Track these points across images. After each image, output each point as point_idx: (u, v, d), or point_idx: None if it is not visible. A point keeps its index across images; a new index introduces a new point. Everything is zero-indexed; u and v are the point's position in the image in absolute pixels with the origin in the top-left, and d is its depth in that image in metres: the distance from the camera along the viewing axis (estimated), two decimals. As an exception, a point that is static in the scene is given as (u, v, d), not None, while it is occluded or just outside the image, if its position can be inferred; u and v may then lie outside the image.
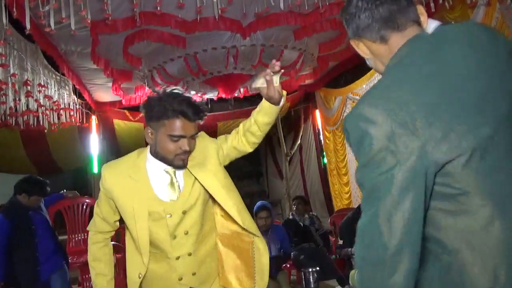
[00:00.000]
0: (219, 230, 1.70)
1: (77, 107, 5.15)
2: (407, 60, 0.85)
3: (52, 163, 6.23)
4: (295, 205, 5.08)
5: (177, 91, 1.52)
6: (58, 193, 4.13)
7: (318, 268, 2.81)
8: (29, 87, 3.92)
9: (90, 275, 1.73)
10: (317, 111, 6.76)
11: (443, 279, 0.81)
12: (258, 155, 9.17)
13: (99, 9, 3.04)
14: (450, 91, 0.79)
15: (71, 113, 4.88)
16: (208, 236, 1.67)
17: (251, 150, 1.65)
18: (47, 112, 4.46)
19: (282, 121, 7.06)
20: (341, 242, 4.10)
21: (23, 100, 4.11)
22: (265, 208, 3.92)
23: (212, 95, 5.60)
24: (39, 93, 4.14)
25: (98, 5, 3.00)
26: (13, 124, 4.33)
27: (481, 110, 0.78)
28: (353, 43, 1.00)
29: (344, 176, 6.18)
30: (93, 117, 5.95)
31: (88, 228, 1.72)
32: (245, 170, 8.86)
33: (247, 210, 1.64)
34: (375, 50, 0.95)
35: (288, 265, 4.07)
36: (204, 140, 1.65)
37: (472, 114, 0.78)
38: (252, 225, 1.62)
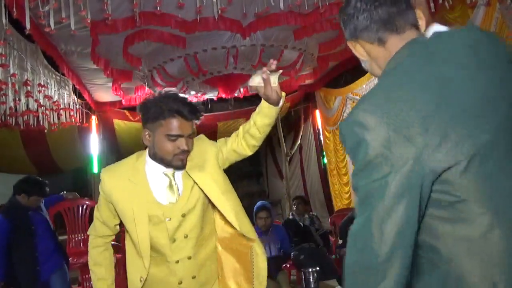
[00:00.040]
0: (218, 233, 1.69)
1: (77, 107, 5.14)
2: (404, 65, 0.84)
3: (52, 163, 6.23)
4: (295, 205, 5.08)
5: (172, 91, 1.52)
6: (58, 194, 4.13)
7: (318, 268, 2.81)
8: (29, 87, 3.91)
9: (90, 275, 1.73)
10: (317, 111, 6.76)
11: None
12: (258, 155, 9.16)
13: (99, 9, 3.04)
14: (447, 96, 0.77)
15: (71, 113, 4.87)
16: (208, 240, 1.66)
17: (250, 153, 1.64)
18: (47, 112, 4.45)
19: (282, 121, 7.06)
20: (341, 242, 4.10)
21: (23, 100, 4.10)
22: (265, 208, 3.92)
23: (212, 95, 5.59)
24: (39, 93, 4.13)
25: (98, 5, 3.00)
26: (13, 124, 4.32)
27: (480, 116, 0.77)
28: (350, 45, 0.99)
29: (344, 176, 6.18)
30: (93, 117, 5.94)
31: (89, 232, 1.71)
32: (245, 170, 8.86)
33: (245, 214, 1.63)
34: (372, 52, 0.94)
35: (288, 265, 4.07)
36: (203, 143, 1.64)
37: (470, 120, 0.76)
38: (250, 229, 1.61)
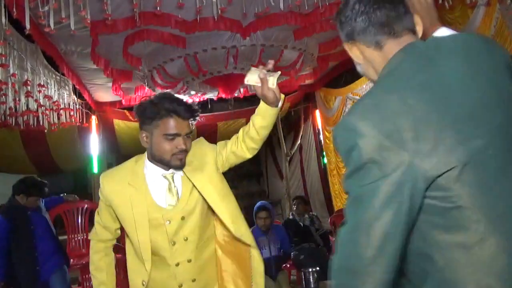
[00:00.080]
0: (217, 236, 1.69)
1: (77, 107, 5.13)
2: (398, 69, 0.84)
3: (52, 163, 6.23)
4: (295, 205, 5.08)
5: (167, 92, 1.55)
6: (58, 196, 4.13)
7: (318, 268, 2.81)
8: (29, 87, 3.91)
9: (90, 275, 1.73)
10: (317, 111, 6.75)
11: None
12: (258, 155, 9.14)
13: (99, 9, 3.04)
14: (441, 102, 0.77)
15: (71, 113, 4.86)
16: (208, 243, 1.66)
17: (250, 156, 1.64)
18: (47, 112, 4.45)
19: (282, 121, 7.06)
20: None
21: (23, 100, 4.10)
22: (265, 208, 3.92)
23: (212, 95, 5.59)
24: (39, 93, 4.13)
25: (98, 5, 3.00)
26: (13, 124, 4.31)
27: (474, 122, 0.76)
28: (346, 47, 0.98)
29: (344, 176, 6.17)
30: (93, 117, 5.93)
31: (90, 237, 1.72)
32: (245, 170, 8.85)
33: (243, 218, 1.62)
34: (369, 56, 0.94)
35: (288, 265, 4.07)
36: (203, 146, 1.65)
37: (463, 126, 0.76)
38: (246, 234, 1.60)
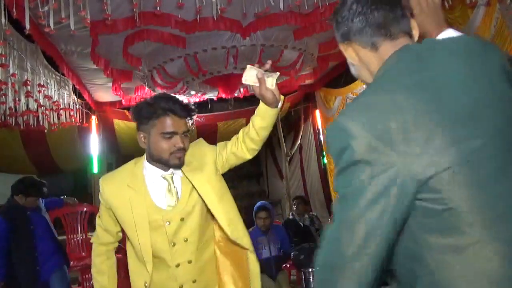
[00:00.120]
0: (216, 237, 1.69)
1: (77, 107, 5.13)
2: (392, 71, 0.84)
3: (52, 163, 6.22)
4: (295, 205, 5.08)
5: (163, 93, 1.59)
6: (58, 198, 4.12)
7: (318, 268, 2.80)
8: (29, 87, 3.91)
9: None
10: (317, 111, 6.75)
11: None
12: (258, 155, 8.96)
13: (99, 9, 3.04)
14: (433, 103, 0.76)
15: (71, 113, 4.86)
16: (209, 244, 1.66)
17: (250, 157, 1.65)
18: (47, 112, 4.45)
19: (282, 121, 7.06)
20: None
21: (23, 100, 4.10)
22: (265, 208, 3.92)
23: (212, 95, 5.59)
24: (39, 93, 4.13)
25: (97, 5, 3.00)
26: (13, 124, 4.31)
27: (468, 123, 0.75)
28: (341, 47, 0.98)
29: (344, 176, 6.16)
30: (93, 117, 5.92)
31: (92, 240, 1.72)
32: (245, 170, 8.84)
33: (240, 220, 1.62)
34: (364, 57, 0.93)
35: (288, 265, 4.07)
36: (202, 147, 1.65)
37: (457, 127, 0.75)
38: (243, 236, 1.60)
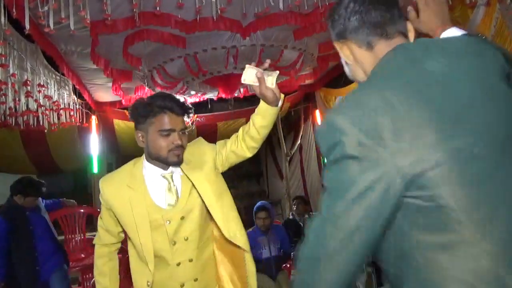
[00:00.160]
0: (215, 235, 1.69)
1: (77, 107, 5.13)
2: (385, 68, 0.84)
3: (52, 163, 6.22)
4: (295, 205, 5.08)
5: (160, 92, 1.59)
6: (57, 199, 4.13)
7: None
8: (29, 87, 3.91)
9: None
10: (317, 111, 6.74)
11: None
12: (258, 155, 9.15)
13: (98, 9, 3.03)
14: (423, 101, 0.76)
15: (71, 113, 4.85)
16: (208, 242, 1.67)
17: (250, 155, 1.64)
18: (47, 112, 4.44)
19: (282, 121, 7.06)
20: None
21: (23, 100, 4.10)
22: (264, 208, 3.92)
23: (212, 95, 5.59)
24: (39, 93, 4.13)
25: (97, 5, 2.99)
26: (13, 124, 4.31)
27: (458, 122, 0.75)
28: (337, 46, 0.98)
29: (344, 176, 6.16)
30: (93, 117, 5.92)
31: (94, 241, 1.73)
32: (245, 170, 8.85)
33: (238, 219, 1.62)
34: (359, 56, 0.93)
35: (288, 265, 4.07)
36: (201, 146, 1.65)
37: (447, 125, 0.75)
38: (240, 235, 1.60)
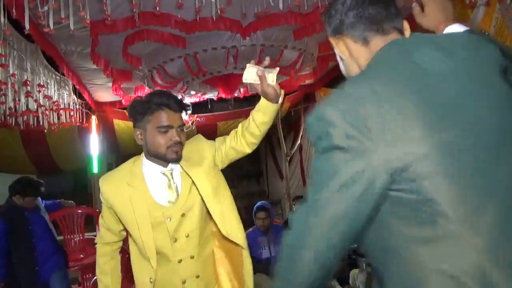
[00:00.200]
0: (214, 231, 1.69)
1: (77, 107, 5.13)
2: (376, 63, 0.85)
3: (52, 163, 6.22)
4: (295, 205, 5.08)
5: (157, 90, 1.60)
6: (57, 201, 4.13)
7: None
8: (29, 87, 3.91)
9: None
10: (317, 111, 6.75)
11: None
12: (258, 155, 9.15)
13: (98, 9, 3.03)
14: (413, 95, 0.76)
15: (71, 113, 4.86)
16: (209, 239, 1.67)
17: (249, 151, 1.64)
18: (47, 112, 4.45)
19: (282, 121, 7.05)
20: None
21: (22, 100, 4.10)
22: (264, 208, 3.92)
23: (212, 95, 5.59)
24: (39, 93, 4.13)
25: (97, 5, 2.99)
26: (13, 124, 4.31)
27: (447, 115, 0.75)
28: (332, 41, 0.98)
29: (344, 176, 6.15)
30: (93, 117, 5.92)
31: (96, 241, 1.73)
32: (245, 170, 8.85)
33: (236, 217, 1.61)
34: (355, 51, 0.94)
35: (288, 265, 4.06)
36: (200, 142, 1.65)
37: (435, 118, 0.75)
38: (236, 231, 1.59)
